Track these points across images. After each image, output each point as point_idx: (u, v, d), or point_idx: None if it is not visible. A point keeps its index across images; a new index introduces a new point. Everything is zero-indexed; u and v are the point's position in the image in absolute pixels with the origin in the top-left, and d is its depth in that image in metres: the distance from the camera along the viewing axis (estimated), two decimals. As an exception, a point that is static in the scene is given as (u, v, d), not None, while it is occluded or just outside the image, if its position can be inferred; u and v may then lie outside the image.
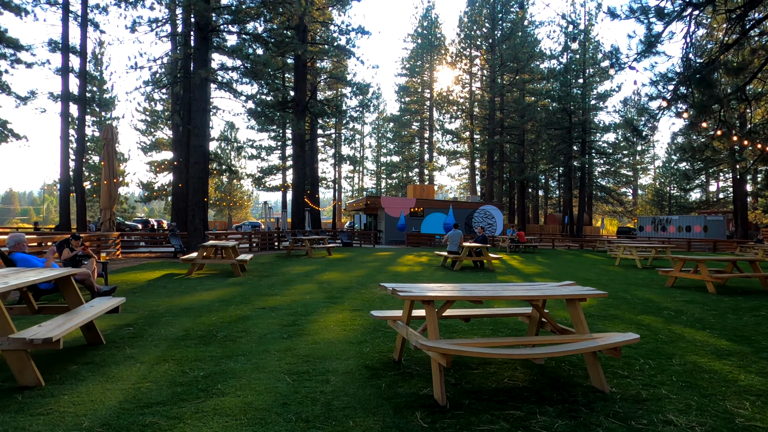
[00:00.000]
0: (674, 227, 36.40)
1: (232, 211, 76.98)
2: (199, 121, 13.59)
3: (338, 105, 25.68)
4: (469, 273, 12.19)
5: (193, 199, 13.83)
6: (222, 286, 8.81)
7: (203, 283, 9.27)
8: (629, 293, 8.75)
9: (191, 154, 13.93)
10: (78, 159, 19.88)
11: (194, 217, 13.72)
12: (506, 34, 34.07)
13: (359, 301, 7.33)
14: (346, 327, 5.52)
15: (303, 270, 12.12)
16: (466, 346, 3.19)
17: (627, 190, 68.26)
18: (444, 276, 11.30)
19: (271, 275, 10.82)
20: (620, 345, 3.44)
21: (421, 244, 25.49)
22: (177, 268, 11.88)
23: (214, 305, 6.80)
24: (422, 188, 32.76)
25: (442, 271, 12.62)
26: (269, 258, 15.98)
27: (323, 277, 10.64)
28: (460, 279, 10.71)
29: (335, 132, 44.04)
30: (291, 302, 7.18)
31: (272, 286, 9.02)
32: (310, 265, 13.40)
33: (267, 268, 12.58)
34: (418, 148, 57.78)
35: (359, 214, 38.51)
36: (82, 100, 19.58)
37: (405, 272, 12.04)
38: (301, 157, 23.51)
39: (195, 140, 13.68)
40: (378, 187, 71.64)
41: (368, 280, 10.18)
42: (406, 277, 10.85)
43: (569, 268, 14.08)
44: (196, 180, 13.81)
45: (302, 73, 23.12)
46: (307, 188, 33.29)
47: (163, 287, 8.56)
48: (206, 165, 14.09)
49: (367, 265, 13.77)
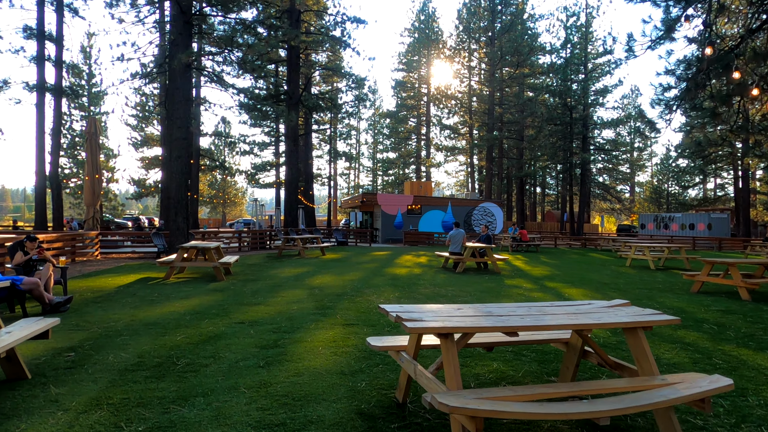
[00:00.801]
0: (677, 225, 35.66)
1: (226, 209, 75.89)
2: (182, 111, 12.59)
3: (333, 99, 24.66)
4: (473, 275, 11.28)
5: (175, 196, 12.83)
6: (200, 294, 7.85)
7: (180, 289, 8.31)
8: (654, 300, 7.85)
9: (173, 147, 12.94)
10: (54, 152, 18.73)
11: (176, 215, 12.74)
12: (506, 26, 33.09)
13: (353, 313, 6.40)
14: (338, 349, 4.58)
15: (293, 273, 11.17)
16: (503, 403, 2.26)
17: (624, 187, 67.48)
18: (447, 279, 10.38)
19: (257, 279, 9.86)
20: (710, 395, 2.51)
21: (419, 242, 24.57)
22: (156, 271, 10.90)
23: (185, 319, 5.85)
24: (420, 185, 31.83)
25: (444, 273, 11.70)
26: (259, 259, 15.01)
27: (315, 281, 9.70)
28: (464, 283, 9.79)
29: (330, 128, 42.99)
30: (275, 314, 6.24)
31: (256, 293, 8.07)
32: (301, 267, 12.45)
33: (254, 270, 11.62)
34: (414, 144, 56.81)
35: (355, 212, 37.53)
36: (59, 90, 18.42)
37: (404, 275, 11.11)
38: (294, 152, 22.52)
39: (177, 132, 12.69)
40: (374, 184, 70.67)
41: (364, 284, 9.25)
42: (406, 282, 9.92)
43: (579, 270, 13.19)
44: (178, 175, 12.82)
45: (295, 65, 22.11)
46: (301, 185, 32.30)
47: (132, 295, 7.60)
48: (189, 159, 13.10)
49: (363, 267, 12.84)
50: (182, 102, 12.68)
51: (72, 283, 8.69)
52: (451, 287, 9.08)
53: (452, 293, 8.33)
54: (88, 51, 43.76)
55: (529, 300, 7.76)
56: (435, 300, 7.58)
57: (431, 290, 8.65)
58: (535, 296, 8.19)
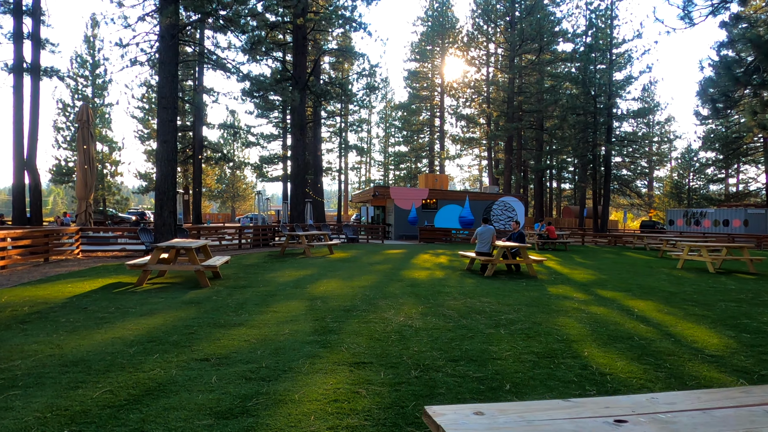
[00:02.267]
0: (709, 221, 33.41)
1: (235, 203, 74.65)
2: (168, 89, 10.94)
3: (343, 85, 22.89)
4: (505, 280, 9.49)
5: (160, 186, 11.20)
6: (170, 307, 6.18)
7: (147, 301, 6.64)
8: (757, 320, 6.02)
9: (158, 130, 11.30)
10: (31, 140, 17.13)
11: (162, 208, 11.10)
12: (528, 8, 30.97)
13: (365, 340, 4.67)
14: (341, 419, 2.86)
15: (293, 276, 9.47)
16: None
17: (641, 182, 64.75)
18: (477, 286, 8.61)
19: (249, 285, 8.18)
20: None
21: (436, 239, 22.77)
22: (132, 274, 9.27)
23: (127, 353, 4.16)
24: (435, 178, 29.98)
25: (471, 277, 9.93)
26: (258, 258, 13.35)
27: (318, 288, 7.99)
28: (499, 291, 8.02)
29: (341, 119, 41.25)
30: (257, 342, 4.53)
31: (242, 306, 6.38)
32: (304, 269, 10.76)
33: (249, 273, 9.95)
34: (428, 137, 54.85)
35: (366, 206, 35.83)
36: (36, 69, 16.78)
37: (424, 280, 9.36)
38: (301, 142, 20.83)
39: (163, 113, 11.03)
40: (385, 179, 68.93)
41: (377, 293, 7.52)
42: (428, 289, 8.17)
43: (627, 274, 11.33)
44: (164, 163, 11.19)
45: (302, 47, 20.37)
46: (310, 177, 30.67)
47: (81, 310, 5.94)
48: (176, 145, 11.45)
49: (375, 269, 11.11)
50: (168, 79, 11.01)
51: (16, 292, 7.08)
52: (486, 298, 7.32)
53: (490, 307, 6.56)
54: (92, 41, 42.46)
55: (593, 318, 5.98)
56: (470, 318, 5.83)
57: (462, 303, 6.89)
58: (596, 312, 6.40)
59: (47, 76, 16.96)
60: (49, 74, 16.98)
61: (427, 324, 5.45)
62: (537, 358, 4.23)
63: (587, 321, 5.82)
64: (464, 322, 5.58)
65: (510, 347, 4.55)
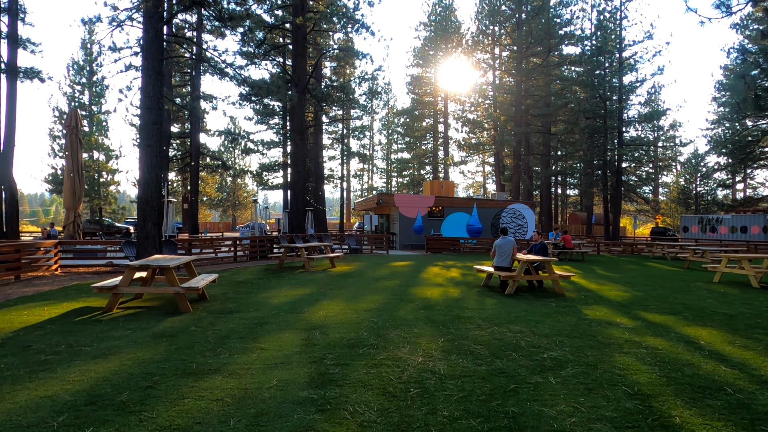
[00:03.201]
0: (726, 227, 32.14)
1: (236, 212, 73.54)
2: (152, 88, 9.88)
3: (345, 87, 21.84)
4: (531, 300, 8.33)
5: (143, 196, 10.09)
6: (134, 344, 5.05)
7: (109, 334, 5.51)
8: None
9: (141, 133, 10.24)
10: (6, 146, 16.04)
11: (145, 219, 10.00)
12: (536, 9, 29.95)
13: (375, 398, 3.53)
14: None
15: (290, 296, 8.33)
16: None
17: (646, 188, 63.39)
18: (501, 308, 7.46)
19: (237, 309, 7.04)
20: None
21: (443, 249, 21.59)
22: (105, 297, 8.14)
23: (52, 426, 3.03)
24: (441, 184, 28.86)
25: (490, 295, 8.78)
26: (253, 273, 12.22)
27: (316, 313, 6.86)
28: (528, 315, 6.87)
29: (343, 125, 40.24)
30: (233, 404, 3.39)
31: (223, 341, 5.24)
32: (302, 286, 9.62)
33: (240, 292, 8.81)
34: (431, 143, 53.81)
35: (369, 215, 34.73)
36: (13, 70, 15.66)
37: (438, 300, 8.22)
38: (301, 148, 19.76)
39: (146, 115, 9.96)
40: (388, 186, 67.91)
41: (386, 320, 6.38)
42: (445, 313, 7.04)
43: (660, 288, 10.15)
44: (147, 170, 10.10)
45: (301, 47, 19.37)
46: (311, 185, 29.62)
47: (23, 349, 4.82)
48: (161, 149, 10.37)
49: (382, 286, 9.96)
50: (152, 77, 9.95)
51: (-42, 322, 5.96)
52: (516, 325, 6.17)
53: (524, 339, 5.41)
54: (89, 47, 41.69)
55: (657, 356, 4.82)
56: (505, 357, 4.68)
57: (489, 333, 5.74)
58: (656, 346, 5.24)
59: (28, 78, 15.95)
60: (30, 76, 15.97)
61: (453, 368, 4.30)
62: (613, 429, 3.08)
63: (652, 360, 4.66)
64: (499, 364, 4.42)
65: (571, 408, 3.40)
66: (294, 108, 19.34)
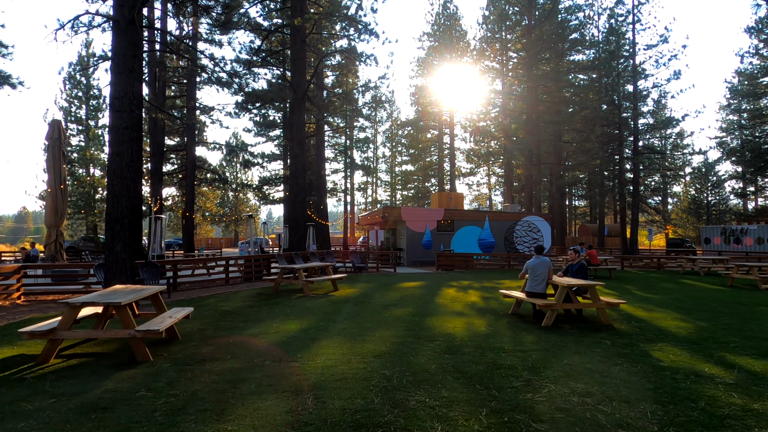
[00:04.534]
0: (751, 239, 30.40)
1: (238, 227, 72.12)
2: (122, 88, 8.48)
3: (347, 94, 20.49)
4: (577, 335, 6.76)
5: (112, 212, 8.62)
6: (46, 426, 3.52)
7: (18, 408, 3.97)
8: None
9: (110, 139, 8.83)
10: None
11: (114, 240, 8.51)
12: (547, 12, 28.68)
13: None
14: None
15: (282, 333, 6.79)
16: None
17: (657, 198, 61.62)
18: (544, 350, 5.90)
19: (209, 358, 5.51)
20: None
21: (455, 266, 19.97)
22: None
23: None
24: (449, 196, 27.36)
25: (527, 330, 7.21)
26: (243, 299, 10.69)
27: (312, 360, 5.31)
28: (585, 363, 5.31)
29: (346, 135, 38.93)
30: None
31: (174, 418, 3.70)
32: (298, 318, 8.08)
33: (221, 328, 7.28)
34: (436, 155, 52.39)
35: (375, 229, 33.22)
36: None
37: (465, 338, 6.67)
38: (300, 159, 18.36)
39: (115, 118, 8.54)
40: (393, 199, 66.50)
41: (403, 372, 4.83)
42: (477, 358, 5.50)
43: (725, 316, 8.53)
44: (117, 181, 8.66)
45: (301, 51, 18.07)
46: (312, 198, 28.20)
47: None
48: (136, 158, 8.91)
49: (393, 316, 8.40)
50: (122, 75, 8.56)
51: None
52: (576, 380, 4.61)
53: (599, 409, 3.85)
54: (86, 60, 40.76)
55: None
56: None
57: (545, 396, 4.18)
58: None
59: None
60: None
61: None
62: None
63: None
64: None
65: None
66: (293, 115, 17.97)
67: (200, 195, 45.99)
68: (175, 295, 11.42)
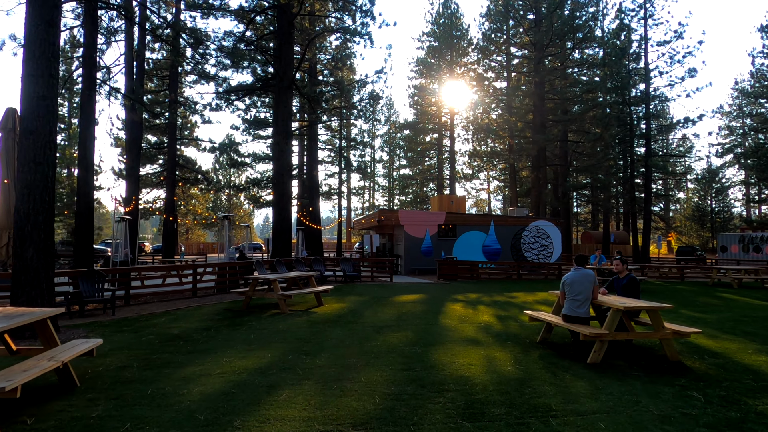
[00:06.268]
0: (773, 247, 28.48)
1: (231, 231, 70.17)
2: (38, 45, 6.56)
3: (340, 83, 18.58)
4: (642, 379, 4.81)
5: (22, 210, 6.66)
6: None
7: None
8: None
9: (21, 111, 6.93)
10: None
11: (24, 244, 6.55)
12: (555, 3, 26.89)
13: None
14: None
15: (231, 375, 4.79)
16: None
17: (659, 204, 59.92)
18: (604, 405, 3.95)
19: (119, 418, 3.51)
20: None
21: (458, 275, 17.96)
22: None
23: None
24: (451, 199, 25.44)
25: (571, 371, 5.23)
26: (203, 317, 8.69)
27: (258, 429, 3.34)
28: (666, 425, 3.36)
29: (341, 138, 36.99)
30: None
31: None
32: (261, 348, 6.07)
33: (150, 364, 5.27)
34: (435, 158, 50.50)
35: (370, 234, 31.24)
36: None
37: (486, 382, 4.71)
38: (286, 155, 16.42)
39: (30, 85, 6.55)
40: (390, 204, 64.62)
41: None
42: (509, 420, 3.56)
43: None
44: (29, 169, 6.73)
45: (287, 34, 16.19)
46: (304, 200, 26.24)
47: None
48: (50, 145, 6.94)
49: (386, 345, 6.41)
50: (39, 27, 6.47)
51: None
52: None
53: None
54: (70, 56, 38.84)
55: None
56: None
57: None
58: None
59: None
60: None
61: None
62: None
63: None
64: None
65: None
66: (278, 105, 16.05)
67: (190, 198, 43.99)
68: (125, 311, 9.43)
